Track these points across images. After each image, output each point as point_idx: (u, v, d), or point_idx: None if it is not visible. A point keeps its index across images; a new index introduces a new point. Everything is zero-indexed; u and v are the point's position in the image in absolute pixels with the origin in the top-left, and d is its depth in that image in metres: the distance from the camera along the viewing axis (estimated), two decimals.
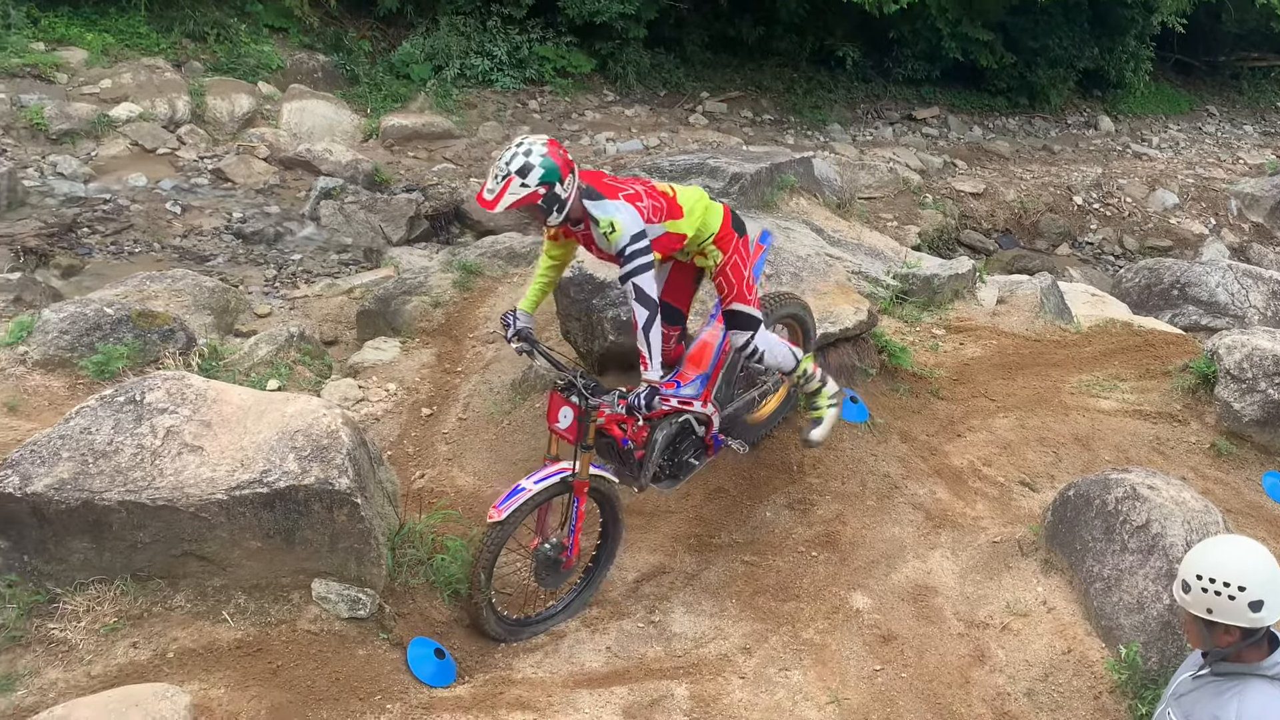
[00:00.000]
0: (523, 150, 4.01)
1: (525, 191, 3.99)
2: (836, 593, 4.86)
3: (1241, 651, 2.96)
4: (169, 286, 7.20)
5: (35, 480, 4.05)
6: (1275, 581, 2.91)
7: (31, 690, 3.90)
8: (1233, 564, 2.92)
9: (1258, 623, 2.90)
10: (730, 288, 4.64)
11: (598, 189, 4.23)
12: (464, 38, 15.00)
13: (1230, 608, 2.89)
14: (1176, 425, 6.39)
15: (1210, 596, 2.91)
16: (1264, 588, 2.89)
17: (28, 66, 11.86)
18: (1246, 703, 2.91)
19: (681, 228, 4.45)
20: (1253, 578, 2.89)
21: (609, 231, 4.15)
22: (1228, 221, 15.55)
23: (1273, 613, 2.89)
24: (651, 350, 4.26)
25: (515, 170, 3.98)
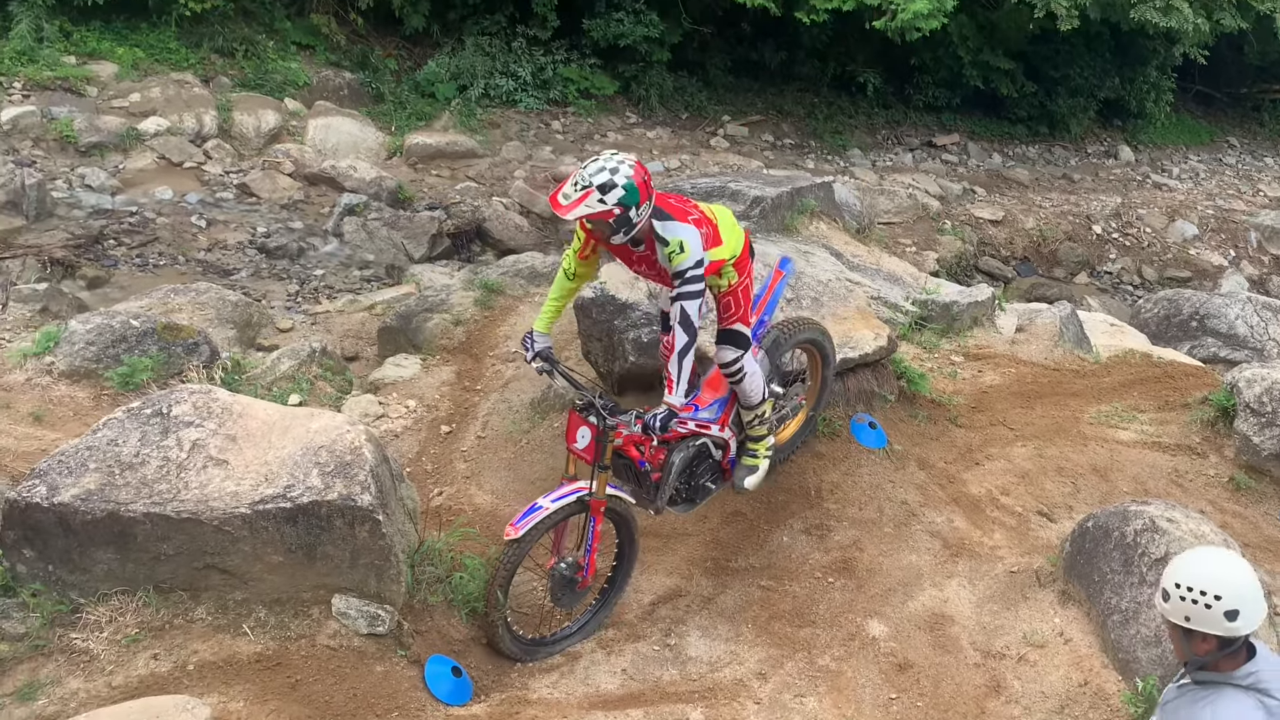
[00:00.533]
0: (609, 167, 4.04)
1: (601, 208, 4.04)
2: (853, 620, 4.86)
3: (1219, 661, 3.02)
4: (193, 300, 7.29)
5: (62, 491, 4.10)
6: (1252, 592, 2.97)
7: (53, 699, 3.94)
8: (1211, 574, 2.99)
9: (1233, 632, 2.95)
10: (737, 308, 4.69)
11: (667, 210, 4.29)
12: (489, 58, 15.14)
13: (1207, 616, 2.95)
14: (1195, 458, 6.37)
15: (1188, 605, 2.97)
16: (1240, 598, 2.95)
17: (59, 79, 12.04)
18: (1219, 711, 2.98)
19: (722, 253, 4.51)
20: (1229, 588, 2.96)
21: (676, 252, 4.20)
22: (1247, 253, 15.51)
23: (1248, 623, 2.95)
24: (681, 375, 4.29)
25: (597, 184, 4.02)
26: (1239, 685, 2.99)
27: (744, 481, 5.05)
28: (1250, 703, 2.97)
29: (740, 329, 4.70)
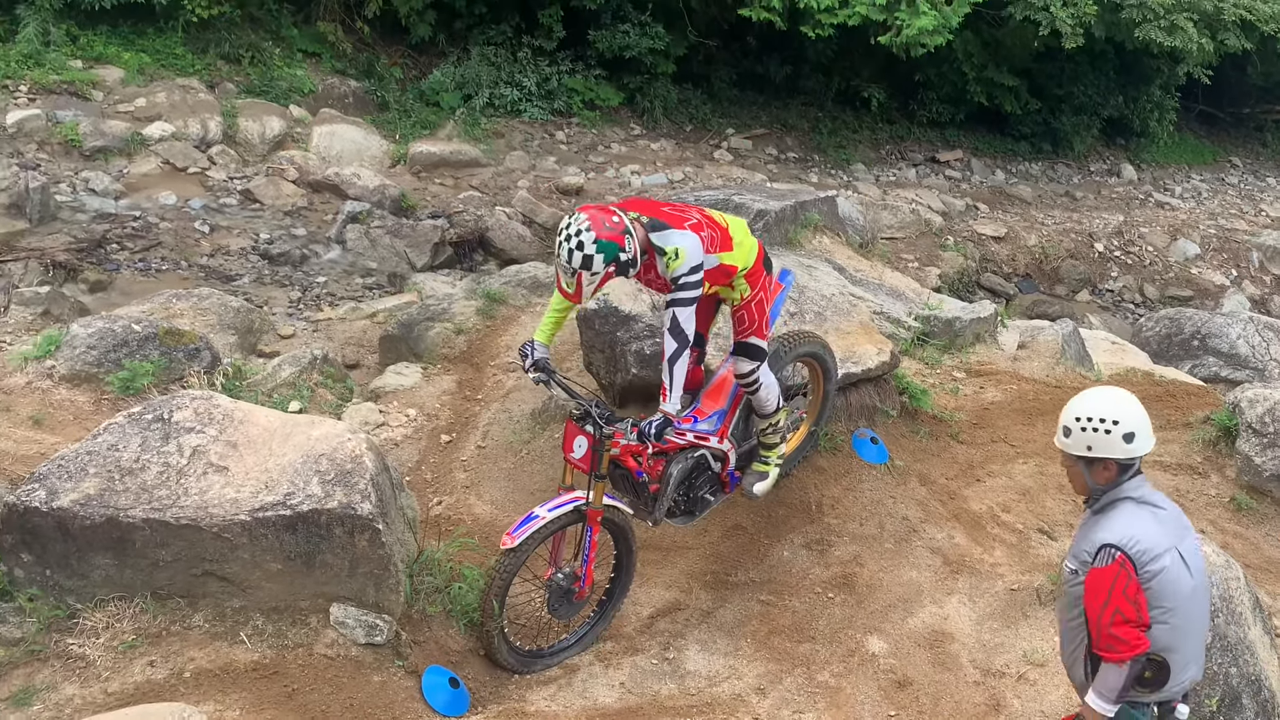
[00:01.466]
0: (575, 245, 4.09)
1: (599, 278, 4.17)
2: (853, 636, 4.84)
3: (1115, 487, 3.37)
4: (195, 305, 7.28)
5: (61, 495, 4.09)
6: (1143, 418, 3.34)
7: (48, 705, 3.92)
8: (1107, 404, 3.37)
9: (1131, 453, 3.32)
10: (751, 322, 4.69)
11: (662, 219, 4.30)
12: (494, 68, 15.17)
13: (1107, 441, 3.31)
14: (1196, 477, 6.37)
15: (1089, 434, 3.33)
16: (1134, 422, 3.32)
17: (65, 83, 12.06)
18: (1113, 520, 3.32)
19: (734, 259, 4.50)
20: (1124, 414, 3.33)
21: (672, 259, 4.23)
22: (1249, 273, 15.52)
23: (1143, 443, 3.33)
24: (674, 382, 4.29)
25: (580, 267, 4.10)
26: (1131, 498, 3.35)
27: (753, 488, 5.06)
28: (1143, 512, 3.33)
29: (756, 342, 4.70)
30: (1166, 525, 3.35)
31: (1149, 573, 3.23)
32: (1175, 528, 3.38)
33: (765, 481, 5.08)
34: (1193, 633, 3.39)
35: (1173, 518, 3.40)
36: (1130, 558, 3.22)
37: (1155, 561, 3.24)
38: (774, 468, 5.10)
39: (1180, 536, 3.38)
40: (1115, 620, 3.21)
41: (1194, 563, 3.38)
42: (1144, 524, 3.29)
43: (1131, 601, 3.22)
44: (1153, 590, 3.24)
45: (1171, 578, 3.27)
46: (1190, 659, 3.40)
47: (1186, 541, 3.40)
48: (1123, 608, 3.21)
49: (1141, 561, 3.23)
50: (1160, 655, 3.29)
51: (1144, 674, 3.31)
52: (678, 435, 4.59)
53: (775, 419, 4.97)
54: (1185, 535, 3.42)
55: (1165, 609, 3.26)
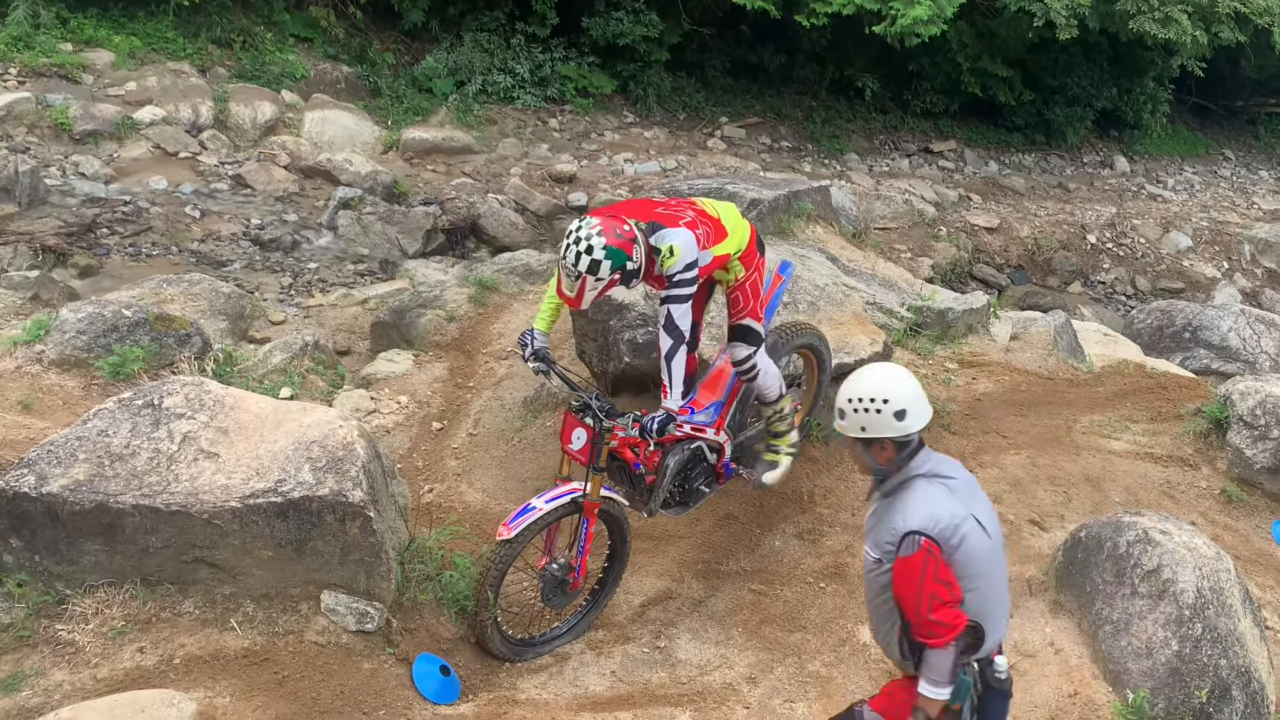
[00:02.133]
0: (583, 248, 4.05)
1: (602, 285, 4.12)
2: (844, 625, 4.84)
3: (900, 466, 3.35)
4: (185, 290, 7.24)
5: (51, 481, 4.06)
6: (914, 394, 3.33)
7: (37, 691, 3.90)
8: (875, 383, 3.35)
9: (904, 430, 3.30)
10: (745, 303, 4.67)
11: (657, 220, 4.28)
12: (487, 54, 15.11)
13: (879, 421, 3.29)
14: (1187, 469, 6.38)
15: (861, 415, 3.31)
16: (905, 399, 3.30)
17: (55, 66, 11.97)
18: (908, 502, 3.28)
19: (726, 248, 4.49)
20: (894, 392, 3.30)
21: (667, 256, 4.21)
22: (1240, 266, 15.56)
23: (916, 420, 3.31)
24: (673, 379, 4.27)
25: (585, 271, 4.06)
26: (921, 475, 3.32)
27: (764, 477, 5.06)
28: (935, 487, 3.30)
29: (751, 324, 4.68)
30: (960, 494, 3.33)
31: (953, 547, 3.23)
32: (967, 494, 3.38)
33: (776, 471, 5.07)
34: (998, 590, 3.42)
35: (963, 484, 3.39)
36: (935, 540, 3.21)
37: (957, 534, 3.23)
38: (785, 457, 5.09)
39: (973, 501, 3.37)
40: (933, 606, 3.20)
41: (989, 523, 3.39)
42: (940, 501, 3.27)
43: (944, 583, 3.21)
44: (959, 562, 3.24)
45: (973, 544, 3.27)
46: (1000, 614, 3.43)
47: (978, 504, 3.39)
48: (938, 592, 3.20)
49: (945, 538, 3.22)
50: (974, 620, 3.29)
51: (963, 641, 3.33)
52: (677, 429, 4.58)
53: (780, 406, 4.96)
54: (977, 498, 3.41)
55: (972, 576, 3.28)
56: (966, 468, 5.91)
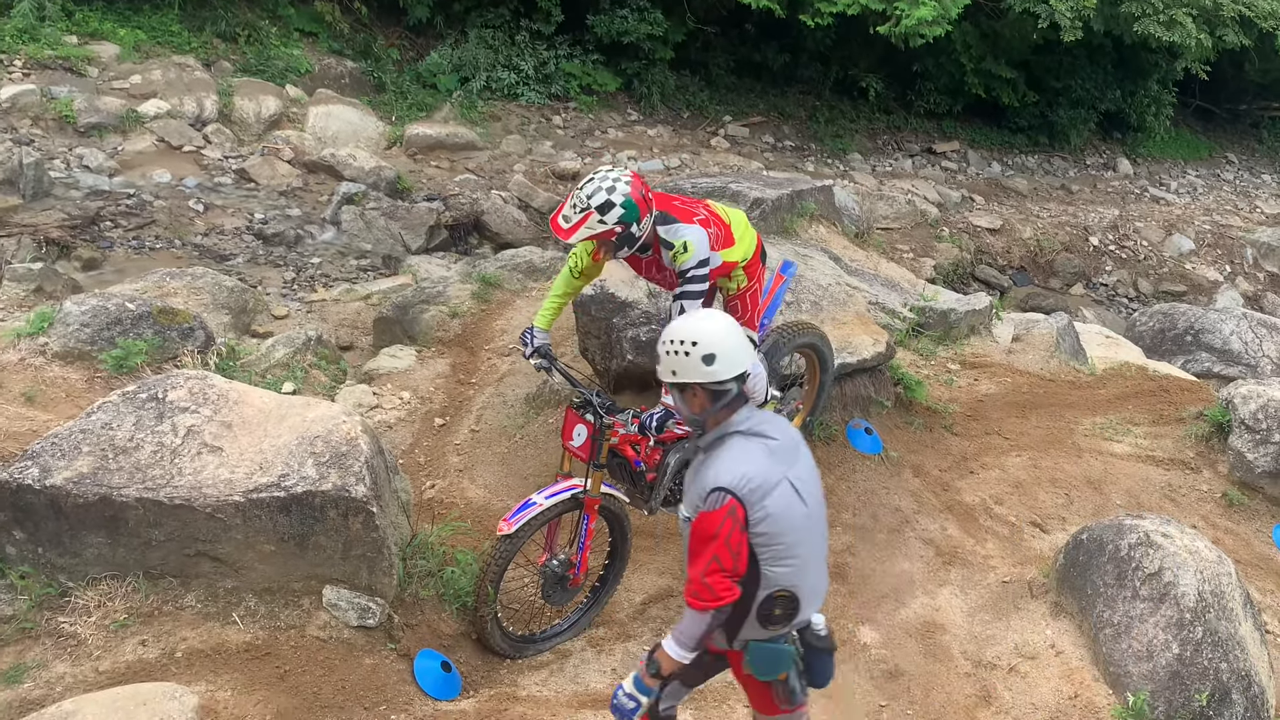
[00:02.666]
0: (606, 186, 4.00)
1: (602, 229, 4.02)
2: (845, 625, 4.85)
3: (716, 417, 3.21)
4: (189, 284, 7.23)
5: (55, 473, 4.06)
6: (728, 340, 3.19)
7: (39, 683, 3.91)
8: (689, 326, 3.24)
9: (713, 376, 3.15)
10: (744, 312, 4.67)
11: (671, 212, 4.26)
12: (492, 51, 15.11)
13: (687, 364, 3.16)
14: (1188, 473, 6.39)
15: (672, 358, 3.19)
16: (715, 344, 3.16)
17: (60, 59, 11.96)
18: (723, 459, 3.15)
19: (734, 255, 4.48)
20: (704, 335, 3.17)
21: (680, 252, 4.19)
22: (1243, 269, 15.56)
23: (726, 367, 3.15)
24: None
25: (596, 205, 3.99)
26: (740, 431, 3.18)
27: None
28: (754, 444, 3.16)
29: (746, 332, 4.66)
30: (778, 455, 3.18)
31: (762, 510, 3.09)
32: (787, 455, 3.22)
33: None
34: (814, 558, 3.29)
35: (785, 446, 3.23)
36: (741, 500, 3.07)
37: (767, 498, 3.10)
38: None
39: (792, 463, 3.22)
40: (711, 568, 3.07)
41: (807, 488, 3.24)
42: (755, 460, 3.13)
43: (732, 551, 3.07)
44: (767, 529, 3.10)
45: (785, 509, 3.13)
46: (816, 585, 3.30)
47: (798, 467, 3.24)
48: (721, 556, 3.06)
49: (752, 501, 3.08)
50: (789, 590, 3.17)
51: (775, 612, 3.19)
52: (677, 425, 4.58)
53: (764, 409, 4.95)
54: (797, 461, 3.25)
55: (785, 544, 3.14)
56: (968, 469, 6.05)
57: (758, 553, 3.12)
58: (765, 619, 3.20)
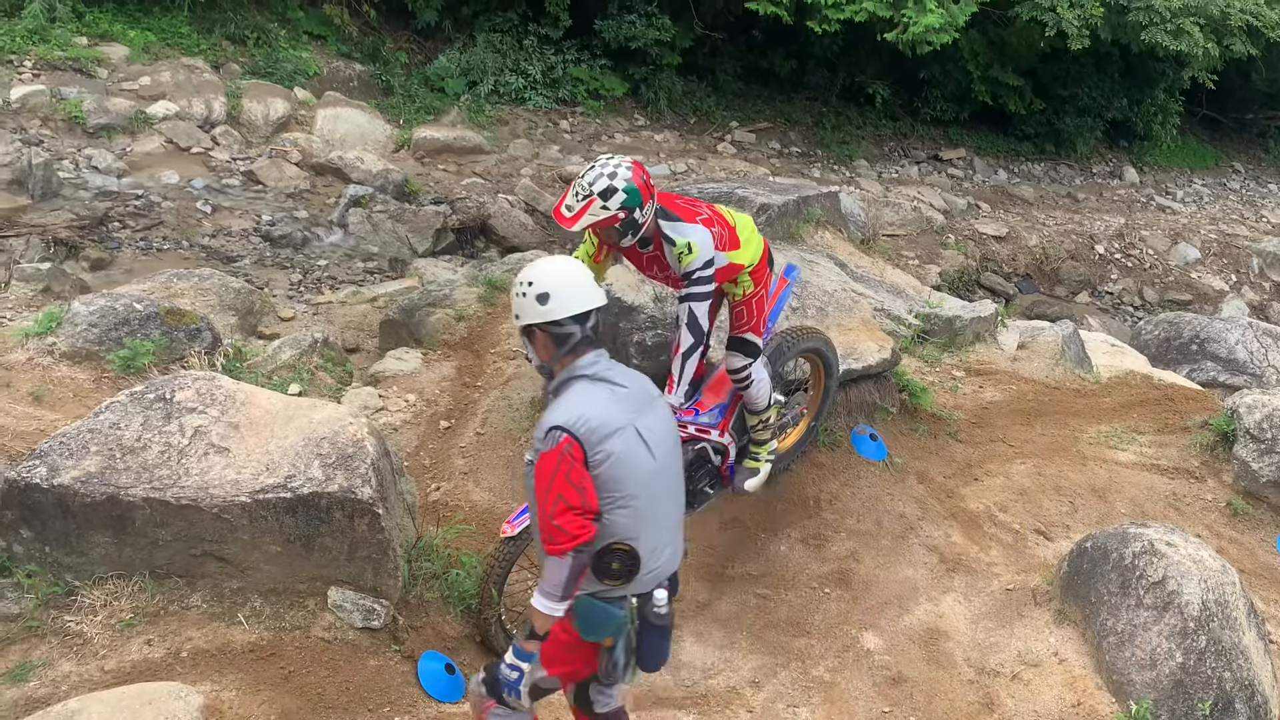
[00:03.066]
0: (607, 172, 3.98)
1: (605, 215, 3.98)
2: (848, 631, 4.85)
3: (562, 363, 3.15)
4: (196, 285, 7.26)
5: (63, 472, 4.08)
6: (566, 280, 3.12)
7: (44, 682, 3.92)
8: (531, 268, 3.20)
9: (547, 316, 3.09)
10: (749, 318, 4.66)
11: (674, 211, 4.25)
12: (500, 55, 15.15)
13: (526, 305, 3.13)
14: (1193, 482, 6.38)
15: (516, 300, 3.17)
16: (549, 283, 3.11)
17: (70, 60, 12.01)
18: (563, 400, 3.10)
19: (740, 258, 4.46)
20: (540, 275, 3.14)
21: (684, 253, 4.17)
22: (1248, 279, 15.55)
23: (560, 306, 3.08)
24: (683, 376, 4.29)
25: (598, 192, 3.96)
26: (585, 375, 3.11)
27: (744, 484, 5.02)
28: (598, 388, 3.09)
29: (751, 338, 4.67)
30: (624, 402, 3.10)
31: (601, 453, 3.00)
32: (634, 404, 3.13)
33: (756, 478, 5.04)
34: (659, 516, 3.17)
35: (633, 394, 3.15)
36: (577, 438, 2.98)
37: (607, 441, 3.00)
38: (765, 464, 5.06)
39: (640, 413, 3.13)
40: (559, 508, 2.97)
41: (656, 440, 3.13)
42: (595, 402, 3.05)
43: (577, 487, 2.97)
44: (608, 474, 3.01)
45: (627, 457, 3.04)
46: (661, 544, 3.19)
47: (647, 418, 3.14)
48: (566, 494, 2.97)
49: (591, 441, 2.99)
50: (627, 543, 3.07)
51: (612, 565, 3.09)
52: (680, 429, 4.59)
53: (765, 415, 4.93)
54: (646, 412, 3.16)
55: (625, 494, 3.05)
56: (973, 475, 6.05)
57: (603, 495, 3.04)
58: (602, 571, 3.10)
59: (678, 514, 3.29)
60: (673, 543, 3.26)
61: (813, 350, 5.37)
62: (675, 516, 3.27)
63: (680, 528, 3.32)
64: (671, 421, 3.30)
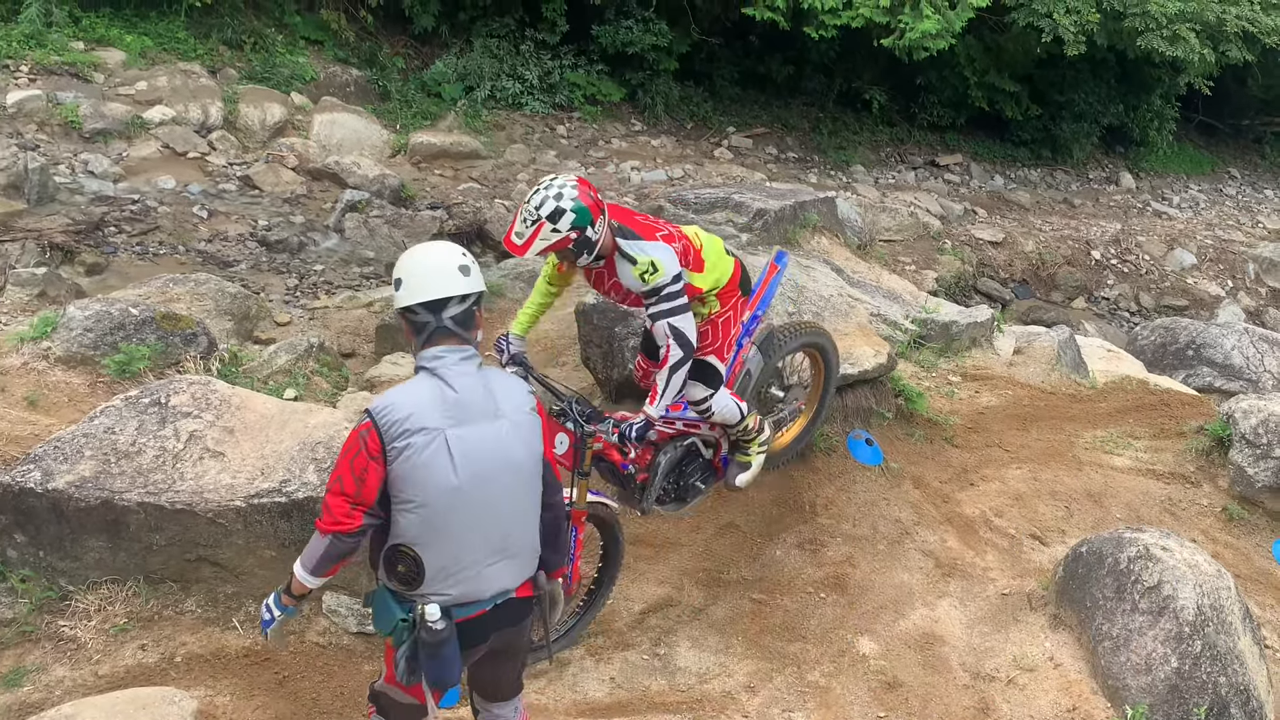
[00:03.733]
0: (552, 194, 3.88)
1: (556, 238, 3.88)
2: (843, 636, 4.85)
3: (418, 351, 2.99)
4: (192, 290, 7.26)
5: (57, 477, 4.08)
6: (420, 267, 2.98)
7: (38, 687, 3.92)
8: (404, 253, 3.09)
9: (398, 301, 2.97)
10: (713, 339, 4.53)
11: (633, 228, 4.14)
12: (496, 60, 15.17)
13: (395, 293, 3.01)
14: (1189, 487, 6.39)
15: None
16: (404, 268, 2.99)
17: (66, 65, 12.01)
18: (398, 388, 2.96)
19: (700, 281, 4.35)
20: (402, 261, 3.03)
21: (648, 272, 4.04)
22: (1245, 285, 15.58)
23: (408, 293, 2.95)
24: (667, 389, 4.18)
25: (546, 215, 3.85)
26: (424, 367, 2.94)
27: (735, 479, 4.93)
28: (430, 384, 2.91)
29: (712, 361, 4.53)
30: (449, 407, 2.88)
31: (395, 449, 2.84)
32: (460, 412, 2.90)
33: (748, 472, 4.94)
34: (460, 537, 2.94)
35: (464, 402, 2.91)
36: (377, 427, 2.84)
37: (405, 438, 2.84)
38: (756, 458, 4.95)
39: (462, 423, 2.90)
40: (333, 489, 2.88)
41: (471, 458, 2.90)
42: (411, 396, 2.88)
43: (355, 475, 2.85)
44: (399, 471, 2.86)
45: (423, 463, 2.85)
46: (462, 566, 2.97)
47: (470, 431, 2.91)
48: (344, 477, 2.86)
49: (390, 434, 2.83)
50: (411, 548, 2.92)
51: (398, 567, 2.95)
52: (667, 424, 4.55)
53: (744, 424, 4.79)
54: (473, 425, 2.92)
55: (413, 499, 2.88)
56: (969, 481, 6.05)
57: (390, 492, 2.90)
58: (389, 569, 2.99)
59: (500, 541, 3.03)
60: (473, 573, 3.00)
61: (812, 345, 5.27)
62: (493, 544, 3.01)
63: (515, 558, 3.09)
64: (515, 449, 3.02)
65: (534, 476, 3.09)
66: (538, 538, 3.16)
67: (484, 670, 3.30)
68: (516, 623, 3.17)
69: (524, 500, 3.09)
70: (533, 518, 3.13)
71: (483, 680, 3.36)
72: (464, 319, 2.99)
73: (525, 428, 3.04)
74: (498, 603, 3.07)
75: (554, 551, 3.30)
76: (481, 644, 3.11)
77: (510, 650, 3.27)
